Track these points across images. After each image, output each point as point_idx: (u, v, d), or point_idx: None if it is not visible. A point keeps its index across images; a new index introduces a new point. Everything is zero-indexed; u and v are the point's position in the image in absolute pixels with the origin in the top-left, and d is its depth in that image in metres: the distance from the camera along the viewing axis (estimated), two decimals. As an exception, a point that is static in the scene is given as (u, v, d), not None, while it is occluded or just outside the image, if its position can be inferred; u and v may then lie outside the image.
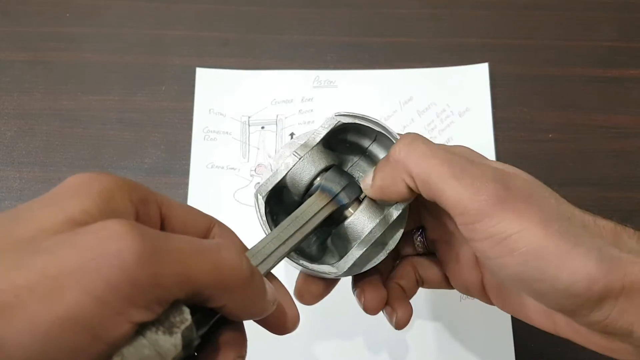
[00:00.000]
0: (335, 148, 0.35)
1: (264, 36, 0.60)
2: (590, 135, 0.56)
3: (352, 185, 0.33)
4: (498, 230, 0.26)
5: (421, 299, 0.49)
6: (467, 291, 0.36)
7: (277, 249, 0.30)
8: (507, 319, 0.48)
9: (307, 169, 0.33)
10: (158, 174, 0.54)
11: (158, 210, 0.25)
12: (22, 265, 0.19)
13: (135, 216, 0.23)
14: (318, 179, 0.33)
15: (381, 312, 0.37)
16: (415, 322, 0.48)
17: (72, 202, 0.21)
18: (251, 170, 0.54)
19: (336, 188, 0.33)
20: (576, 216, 0.27)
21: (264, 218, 0.33)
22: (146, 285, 0.19)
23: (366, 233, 0.32)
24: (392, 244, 0.34)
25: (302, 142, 0.33)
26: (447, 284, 0.37)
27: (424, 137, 0.30)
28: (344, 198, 0.33)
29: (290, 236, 0.31)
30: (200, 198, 0.53)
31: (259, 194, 0.33)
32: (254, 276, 0.24)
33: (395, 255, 0.38)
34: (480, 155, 0.31)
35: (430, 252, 0.38)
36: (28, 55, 0.59)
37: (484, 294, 0.35)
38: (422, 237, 0.38)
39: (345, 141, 0.35)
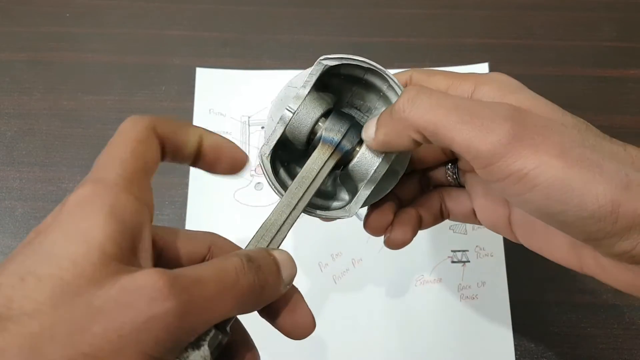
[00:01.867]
0: (329, 84, 0.35)
1: (264, 36, 0.60)
2: (590, 135, 0.56)
3: (353, 128, 0.33)
4: (516, 168, 0.25)
5: (421, 298, 0.49)
6: (493, 227, 0.35)
7: (289, 215, 0.31)
8: (507, 319, 0.48)
9: (303, 121, 0.33)
10: (158, 174, 0.53)
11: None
12: (83, 330, 0.20)
13: (149, 215, 0.25)
14: (319, 124, 0.33)
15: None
16: (415, 322, 0.48)
17: (93, 229, 0.22)
18: (251, 170, 0.54)
19: (337, 136, 0.32)
20: (603, 144, 0.27)
21: (273, 179, 0.33)
22: (184, 336, 0.23)
23: (372, 172, 0.32)
24: (401, 170, 0.34)
25: (293, 93, 0.33)
26: (474, 218, 0.36)
27: (428, 89, 0.29)
28: (347, 144, 0.33)
29: (300, 198, 0.31)
30: (200, 198, 0.53)
31: (262, 156, 0.33)
32: (267, 286, 0.27)
33: (425, 184, 0.38)
34: (516, 85, 0.31)
35: (462, 185, 0.38)
36: (28, 55, 0.59)
37: (509, 231, 0.34)
38: (455, 168, 0.38)
39: (339, 74, 0.35)
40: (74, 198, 0.24)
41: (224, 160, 0.31)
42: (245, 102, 0.57)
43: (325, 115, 0.33)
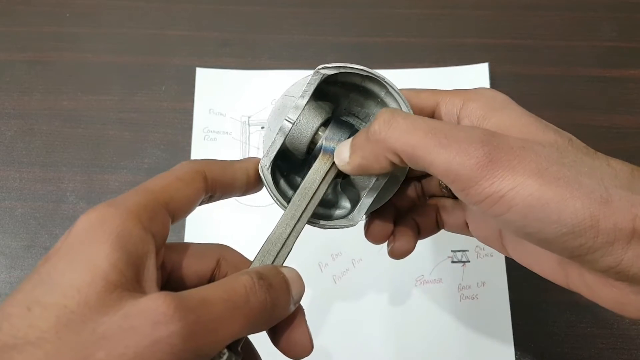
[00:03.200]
0: (327, 91, 0.35)
1: (264, 36, 0.60)
2: (590, 135, 0.55)
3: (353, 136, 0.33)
4: (492, 190, 0.25)
5: (421, 298, 0.49)
6: (485, 240, 0.36)
7: (294, 227, 0.31)
8: (507, 319, 0.48)
9: (303, 131, 0.33)
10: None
11: (168, 218, 0.28)
12: (87, 356, 0.21)
13: (155, 245, 0.25)
14: (319, 133, 0.33)
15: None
16: (415, 322, 0.48)
17: (98, 258, 0.23)
18: (251, 170, 0.54)
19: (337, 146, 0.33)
20: (583, 160, 0.27)
21: (274, 191, 0.33)
22: (193, 358, 0.22)
23: (374, 179, 0.33)
24: (401, 177, 0.34)
25: (291, 102, 0.33)
26: (466, 230, 0.37)
27: (403, 112, 0.30)
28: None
29: (304, 210, 0.32)
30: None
31: (263, 168, 0.33)
32: (278, 305, 0.27)
33: (421, 193, 0.38)
34: (502, 101, 0.31)
35: (455, 196, 0.38)
36: (28, 55, 0.59)
37: (501, 246, 0.35)
38: None
39: (336, 82, 0.34)
40: (82, 223, 0.24)
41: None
42: (245, 102, 0.57)
43: (325, 124, 0.33)
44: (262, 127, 0.56)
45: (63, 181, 0.54)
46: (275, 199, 0.33)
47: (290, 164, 0.36)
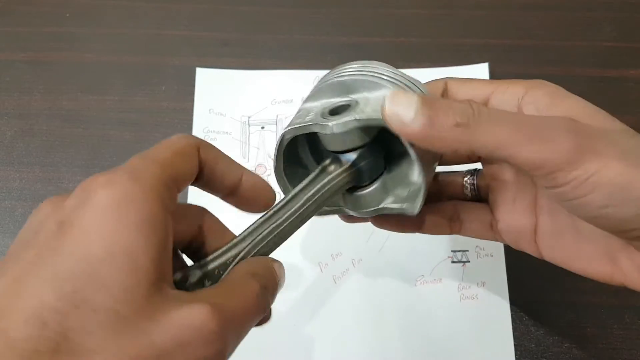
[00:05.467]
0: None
1: (264, 36, 0.60)
2: (590, 135, 0.56)
3: (378, 162, 0.33)
4: (579, 173, 0.26)
5: (421, 298, 0.49)
6: (515, 239, 0.36)
7: (297, 221, 0.32)
8: (507, 319, 0.48)
9: (338, 143, 0.32)
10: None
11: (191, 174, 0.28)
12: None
13: (172, 223, 0.25)
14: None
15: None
16: (415, 322, 0.48)
17: (137, 252, 0.22)
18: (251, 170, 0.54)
19: (363, 165, 0.33)
20: None
21: (280, 168, 0.34)
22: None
23: (373, 207, 0.33)
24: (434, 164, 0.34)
25: (338, 98, 0.32)
26: (490, 232, 0.37)
27: (486, 107, 0.28)
28: (366, 177, 0.33)
29: (313, 210, 0.32)
30: (201, 198, 0.52)
31: (284, 135, 0.33)
32: (269, 305, 0.29)
33: (437, 197, 0.38)
34: (564, 91, 0.32)
35: (478, 199, 0.38)
36: (28, 55, 0.59)
37: (532, 242, 0.35)
38: (474, 180, 0.38)
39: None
40: (104, 198, 0.23)
41: (259, 202, 0.31)
42: (245, 102, 0.57)
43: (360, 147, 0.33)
44: (262, 127, 0.56)
45: (63, 181, 0.54)
46: (279, 174, 0.34)
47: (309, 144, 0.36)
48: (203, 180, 0.29)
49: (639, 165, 0.26)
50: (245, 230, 0.31)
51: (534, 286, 0.49)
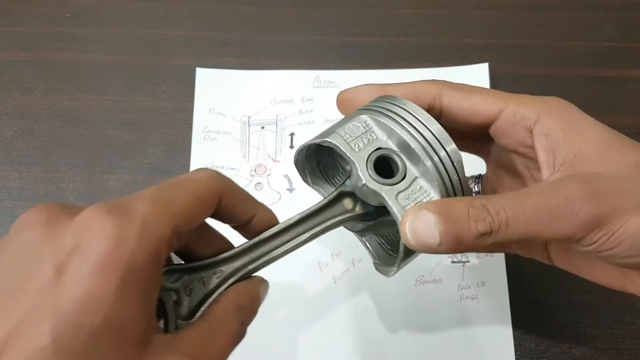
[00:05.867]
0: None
1: (264, 36, 0.60)
2: (590, 135, 0.56)
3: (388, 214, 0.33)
4: (603, 234, 0.28)
5: (421, 298, 0.49)
6: (526, 251, 0.36)
7: (291, 246, 0.33)
8: (507, 319, 0.48)
9: (363, 194, 0.33)
10: (158, 174, 0.54)
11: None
12: None
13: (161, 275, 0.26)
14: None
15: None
16: (415, 322, 0.48)
17: (127, 318, 0.22)
18: (251, 170, 0.54)
19: (375, 213, 0.33)
20: None
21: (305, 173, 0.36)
22: None
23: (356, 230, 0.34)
24: None
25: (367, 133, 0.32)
26: (499, 245, 0.37)
27: (502, 204, 0.28)
28: (371, 219, 0.34)
29: (307, 238, 0.32)
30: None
31: (302, 150, 0.34)
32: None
33: None
34: (577, 116, 0.32)
35: None
36: (28, 55, 0.59)
37: (544, 253, 0.35)
38: (479, 188, 0.38)
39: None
40: (107, 252, 0.22)
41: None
42: (245, 102, 0.57)
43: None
44: (262, 127, 0.56)
45: (63, 181, 0.54)
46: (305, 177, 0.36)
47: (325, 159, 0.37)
48: (215, 216, 0.30)
49: None
50: (242, 245, 0.31)
51: (534, 286, 0.49)
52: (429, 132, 0.31)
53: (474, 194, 0.38)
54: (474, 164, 0.40)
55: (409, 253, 0.32)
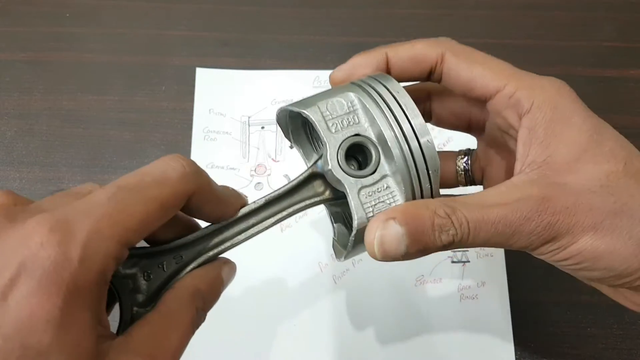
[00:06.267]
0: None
1: (264, 36, 0.60)
2: (590, 135, 0.56)
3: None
4: (555, 247, 0.29)
5: (421, 298, 0.49)
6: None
7: (254, 231, 0.31)
8: (507, 319, 0.48)
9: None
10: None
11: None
12: None
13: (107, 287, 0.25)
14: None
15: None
16: (415, 322, 0.48)
17: (80, 344, 0.23)
18: (251, 170, 0.54)
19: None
20: (635, 198, 0.29)
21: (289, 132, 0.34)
22: None
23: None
24: None
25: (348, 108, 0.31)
26: None
27: (465, 212, 0.29)
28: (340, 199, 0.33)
29: (272, 223, 0.31)
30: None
31: (286, 110, 0.32)
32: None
33: None
34: (568, 110, 0.32)
35: (471, 183, 0.38)
36: (28, 55, 0.59)
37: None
38: (468, 164, 0.38)
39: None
40: (52, 275, 0.22)
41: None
42: (245, 102, 0.57)
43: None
44: (262, 127, 0.56)
45: (63, 181, 0.54)
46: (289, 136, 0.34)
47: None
48: (188, 211, 0.29)
49: (612, 236, 0.28)
50: (204, 229, 0.30)
51: (534, 286, 0.49)
52: (407, 125, 0.29)
53: (459, 167, 0.38)
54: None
55: (358, 248, 0.31)
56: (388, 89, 0.31)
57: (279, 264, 0.50)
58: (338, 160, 0.30)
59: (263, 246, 0.33)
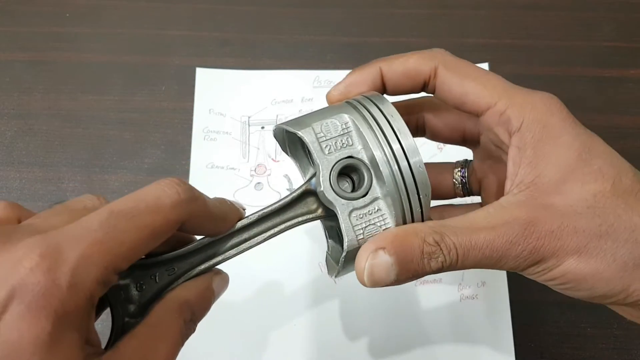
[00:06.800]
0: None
1: (264, 36, 0.60)
2: (590, 135, 0.56)
3: None
4: (541, 268, 0.30)
5: (421, 298, 0.49)
6: None
7: (243, 248, 0.31)
8: (507, 319, 0.48)
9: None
10: (158, 174, 0.54)
11: None
12: None
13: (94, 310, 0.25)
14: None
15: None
16: (415, 322, 0.48)
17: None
18: (251, 170, 0.54)
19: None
20: (621, 220, 0.29)
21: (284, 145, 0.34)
22: None
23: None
24: None
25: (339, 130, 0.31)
26: None
27: (454, 238, 0.29)
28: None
29: (263, 240, 0.32)
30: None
31: (278, 128, 0.32)
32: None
33: None
34: (557, 129, 0.31)
35: (469, 194, 0.38)
36: (28, 55, 0.59)
37: None
38: (465, 175, 0.38)
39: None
40: (29, 294, 0.22)
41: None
42: (245, 102, 0.57)
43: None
44: (262, 127, 0.56)
45: (63, 181, 0.54)
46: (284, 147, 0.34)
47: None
48: (182, 229, 0.29)
49: (596, 259, 0.28)
50: (196, 243, 0.31)
51: (534, 286, 0.49)
52: (398, 145, 0.30)
53: (456, 179, 0.38)
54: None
55: (349, 267, 0.31)
56: (382, 112, 0.31)
57: (279, 264, 0.50)
58: (330, 182, 0.30)
59: (264, 247, 0.33)
